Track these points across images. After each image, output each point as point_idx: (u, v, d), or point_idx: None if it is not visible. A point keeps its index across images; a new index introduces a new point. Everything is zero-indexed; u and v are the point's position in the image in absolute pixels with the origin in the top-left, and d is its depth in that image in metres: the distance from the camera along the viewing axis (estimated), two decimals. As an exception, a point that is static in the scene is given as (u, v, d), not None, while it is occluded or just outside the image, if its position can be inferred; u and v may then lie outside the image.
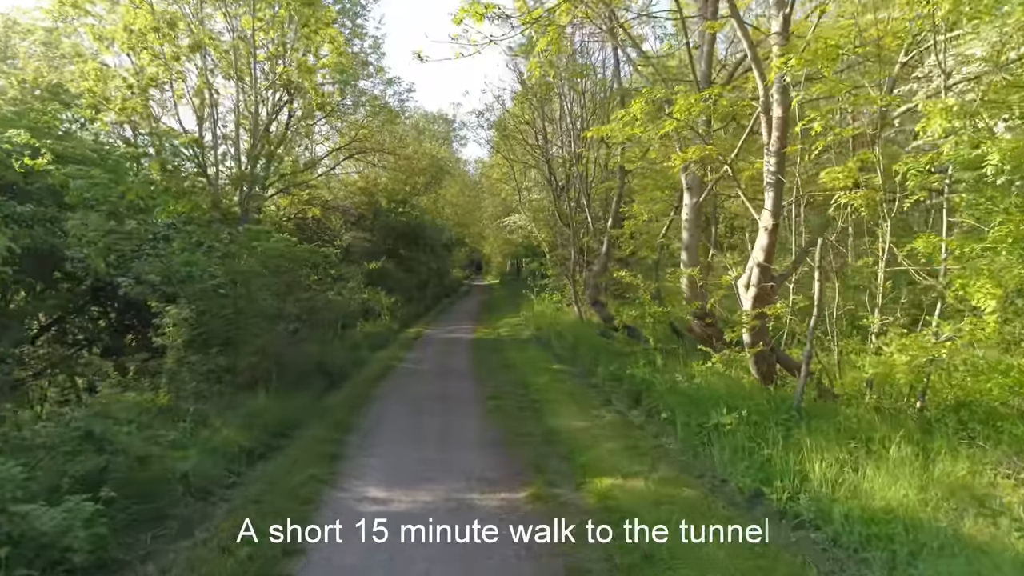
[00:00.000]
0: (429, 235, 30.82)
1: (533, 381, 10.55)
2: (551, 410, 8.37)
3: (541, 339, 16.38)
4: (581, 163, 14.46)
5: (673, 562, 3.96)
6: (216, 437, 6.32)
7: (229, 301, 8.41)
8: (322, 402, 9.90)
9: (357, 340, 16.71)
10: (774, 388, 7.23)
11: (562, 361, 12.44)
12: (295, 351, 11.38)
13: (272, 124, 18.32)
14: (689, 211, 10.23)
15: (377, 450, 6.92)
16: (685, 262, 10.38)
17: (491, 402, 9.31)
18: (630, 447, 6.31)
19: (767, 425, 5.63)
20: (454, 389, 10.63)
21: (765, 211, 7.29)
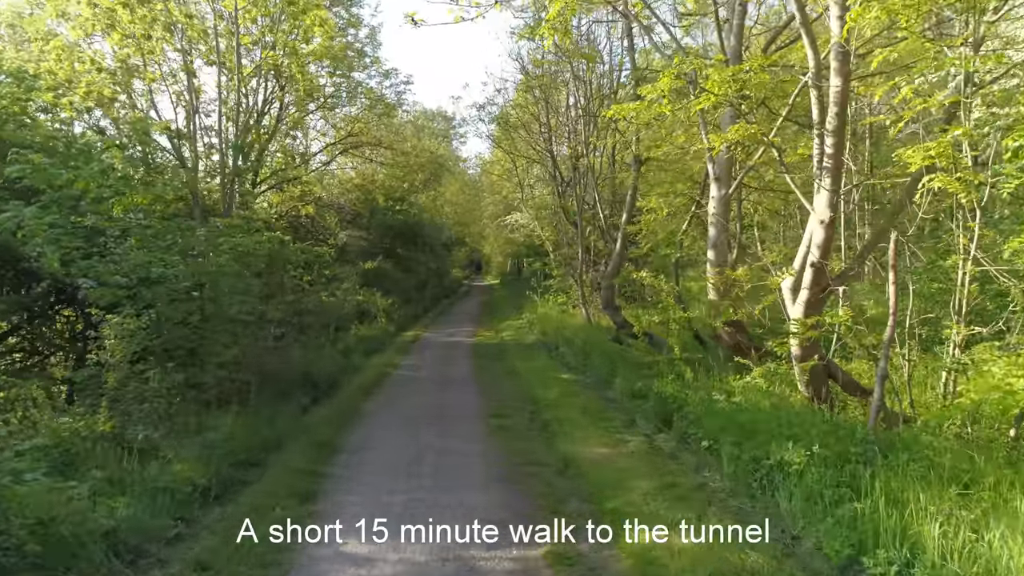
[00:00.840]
0: (428, 234, 29.72)
1: (542, 394, 9.44)
2: (565, 432, 7.26)
3: (547, 344, 15.27)
4: (590, 155, 13.32)
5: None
6: (165, 473, 5.20)
7: (195, 306, 7.30)
8: (305, 418, 8.79)
9: (350, 345, 15.61)
10: (829, 410, 6.12)
11: (572, 370, 11.32)
12: (278, 360, 10.27)
13: (260, 115, 17.26)
14: (717, 204, 9.12)
15: (362, 485, 5.80)
16: (712, 261, 9.29)
17: (495, 420, 8.20)
18: (667, 486, 5.19)
19: (843, 463, 4.52)
20: (453, 402, 9.52)
21: (819, 201, 6.18)
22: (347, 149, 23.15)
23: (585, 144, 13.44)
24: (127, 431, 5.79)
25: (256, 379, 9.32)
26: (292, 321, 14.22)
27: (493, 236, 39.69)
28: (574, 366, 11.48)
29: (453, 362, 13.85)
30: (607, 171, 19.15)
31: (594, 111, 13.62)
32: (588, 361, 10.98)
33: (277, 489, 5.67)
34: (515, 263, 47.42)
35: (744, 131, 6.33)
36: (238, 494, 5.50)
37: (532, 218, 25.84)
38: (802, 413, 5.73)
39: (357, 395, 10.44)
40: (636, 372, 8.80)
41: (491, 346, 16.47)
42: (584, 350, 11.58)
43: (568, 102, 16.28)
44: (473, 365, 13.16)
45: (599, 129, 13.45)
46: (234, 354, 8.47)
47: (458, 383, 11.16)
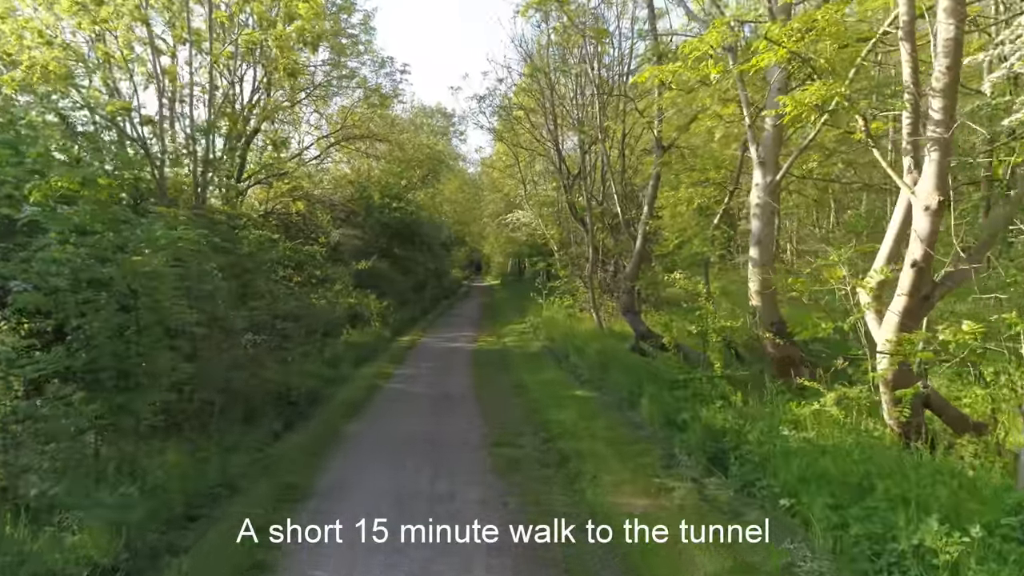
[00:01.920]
0: (426, 233, 28.34)
1: (555, 416, 8.03)
2: (589, 471, 5.85)
3: (555, 352, 13.86)
4: (604, 141, 11.89)
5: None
6: (52, 552, 3.80)
7: (130, 317, 5.89)
8: (274, 448, 7.41)
9: (339, 352, 14.21)
10: (930, 451, 4.72)
11: (587, 384, 9.91)
12: (249, 376, 8.86)
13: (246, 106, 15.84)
14: (762, 192, 7.72)
15: (324, 557, 4.38)
16: (754, 259, 7.90)
17: (500, 451, 6.80)
18: (741, 569, 3.78)
19: (1006, 539, 3.11)
20: (450, 427, 8.11)
21: (925, 182, 4.78)
22: (339, 142, 21.72)
23: (602, 130, 11.97)
24: (19, 484, 4.39)
25: (220, 400, 7.95)
26: (275, 328, 12.86)
27: (493, 235, 38.45)
28: (589, 380, 10.07)
29: (451, 372, 12.45)
30: (618, 163, 17.76)
31: (608, 89, 12.18)
32: (606, 375, 9.58)
33: (212, 564, 4.26)
34: (516, 263, 46.04)
35: (825, 91, 4.91)
36: (158, 574, 4.08)
37: (536, 215, 24.46)
38: (909, 460, 4.32)
39: (340, 415, 9.06)
40: (667, 391, 7.39)
41: (493, 353, 15.07)
42: (601, 362, 10.17)
43: (577, 86, 14.85)
44: (474, 377, 11.76)
45: (614, 112, 12.02)
46: (190, 372, 7.07)
47: (457, 400, 9.76)
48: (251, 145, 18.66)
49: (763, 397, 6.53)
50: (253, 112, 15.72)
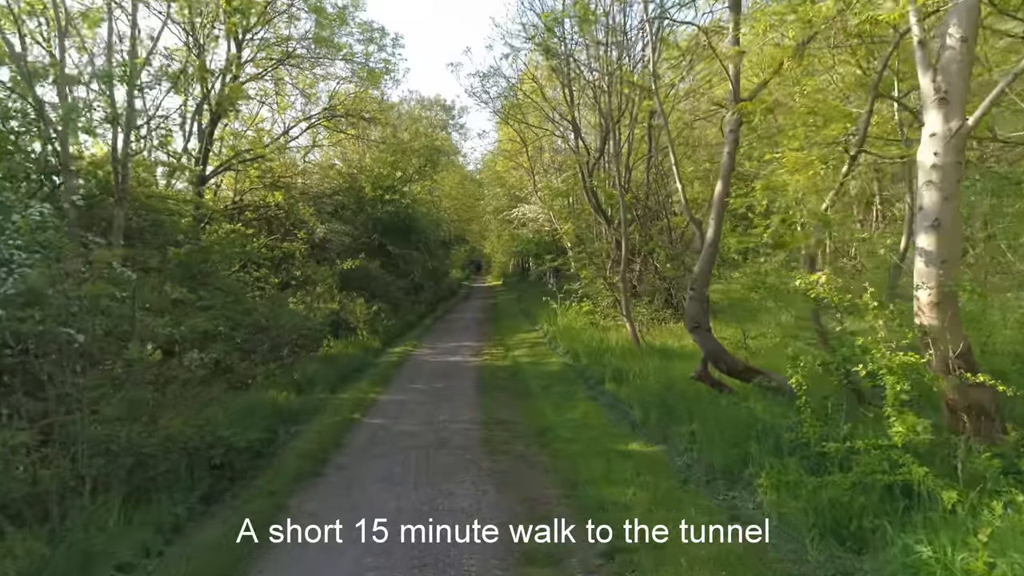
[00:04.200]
0: (423, 229, 25.51)
1: (613, 497, 5.15)
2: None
3: (582, 373, 11.02)
4: (656, 94, 8.99)
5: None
6: None
7: None
8: (171, 549, 4.59)
9: (311, 373, 11.40)
10: None
11: (645, 434, 6.97)
12: (148, 425, 6.00)
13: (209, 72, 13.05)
14: (942, 147, 4.91)
15: None
16: (928, 253, 5.08)
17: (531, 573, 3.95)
18: None
19: None
20: (446, 513, 5.21)
21: None
22: (323, 120, 18.88)
23: (655, 77, 8.96)
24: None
25: (95, 470, 5.11)
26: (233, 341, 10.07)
27: (496, 233, 35.77)
28: (644, 423, 7.19)
29: (451, 401, 9.60)
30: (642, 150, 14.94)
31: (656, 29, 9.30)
32: (672, 417, 6.70)
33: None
34: (520, 263, 43.13)
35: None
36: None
37: (546, 207, 21.61)
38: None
39: (291, 478, 6.24)
40: (802, 469, 4.54)
41: (503, 372, 12.21)
42: (659, 395, 7.30)
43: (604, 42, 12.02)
44: (480, 409, 8.91)
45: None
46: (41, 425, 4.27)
47: (457, 451, 6.90)
48: (222, 126, 15.92)
49: (975, 481, 3.73)
50: (210, 73, 12.92)
